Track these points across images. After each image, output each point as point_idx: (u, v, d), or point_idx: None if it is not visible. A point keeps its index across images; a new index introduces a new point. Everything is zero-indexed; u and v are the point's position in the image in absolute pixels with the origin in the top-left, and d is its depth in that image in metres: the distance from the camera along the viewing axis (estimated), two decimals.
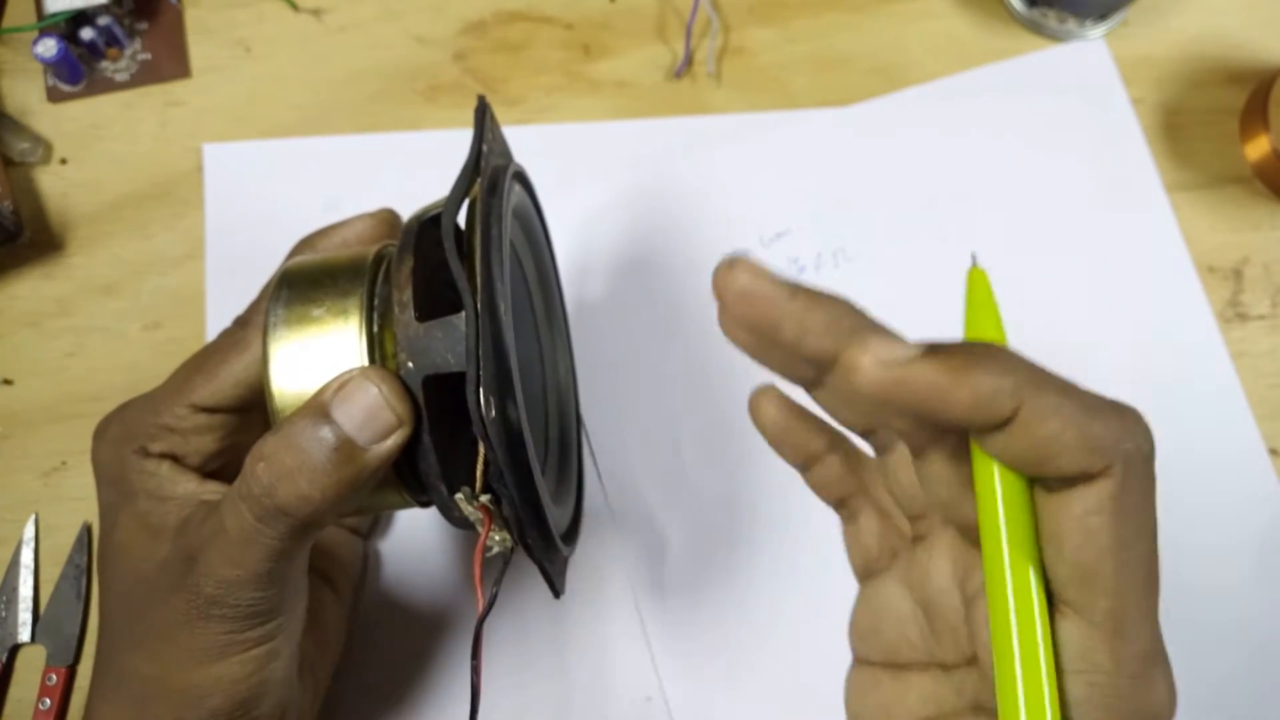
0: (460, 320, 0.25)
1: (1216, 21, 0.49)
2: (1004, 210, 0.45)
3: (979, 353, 0.20)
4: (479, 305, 0.24)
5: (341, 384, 0.25)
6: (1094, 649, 0.21)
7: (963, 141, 0.46)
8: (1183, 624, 0.39)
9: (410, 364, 0.25)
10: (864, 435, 0.27)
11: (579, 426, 0.38)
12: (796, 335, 0.21)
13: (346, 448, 0.25)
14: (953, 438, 0.22)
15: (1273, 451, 0.41)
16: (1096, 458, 0.20)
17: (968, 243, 0.44)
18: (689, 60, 0.47)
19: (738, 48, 0.48)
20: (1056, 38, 0.48)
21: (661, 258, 0.44)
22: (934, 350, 0.20)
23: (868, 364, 0.20)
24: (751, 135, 0.46)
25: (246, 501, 0.25)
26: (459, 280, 0.25)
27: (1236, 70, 0.48)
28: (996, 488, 0.21)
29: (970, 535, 0.24)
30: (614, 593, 0.39)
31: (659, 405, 0.41)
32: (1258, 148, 0.45)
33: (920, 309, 0.43)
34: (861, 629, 0.27)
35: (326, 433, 0.25)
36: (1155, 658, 0.22)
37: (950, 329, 0.46)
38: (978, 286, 0.26)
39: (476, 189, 0.27)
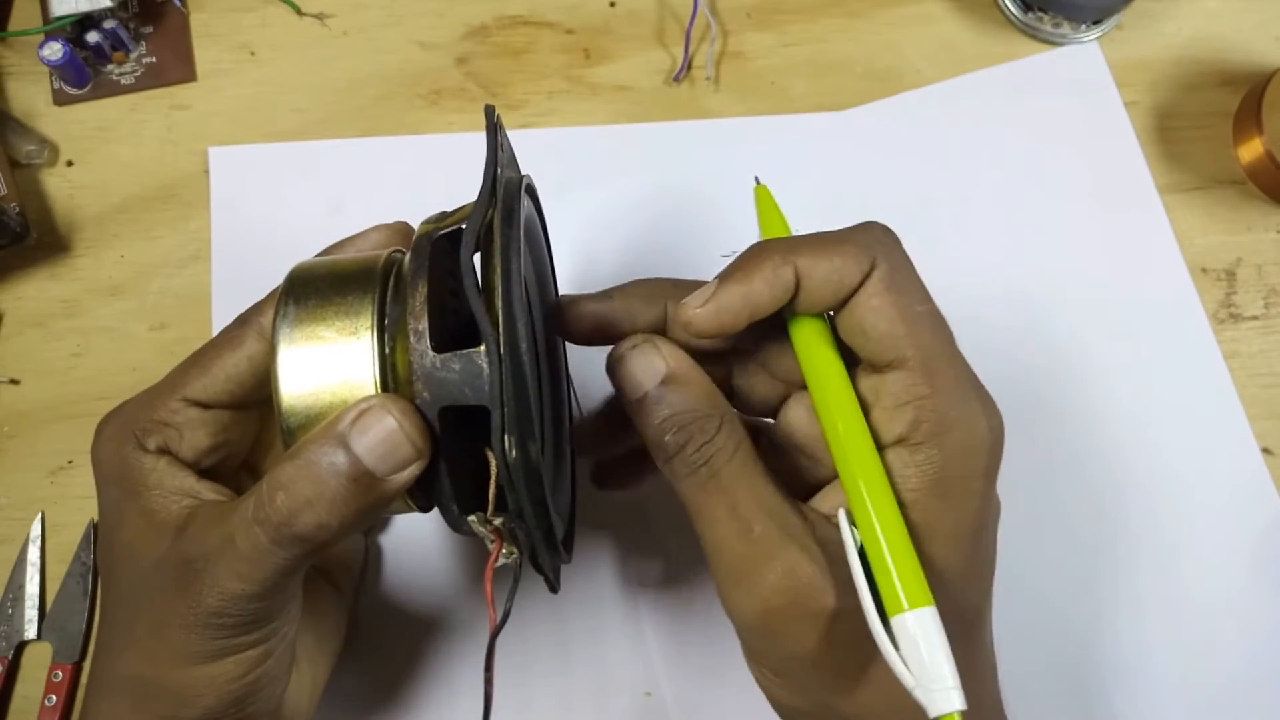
0: (479, 355, 0.25)
1: (1209, 25, 0.49)
2: (999, 213, 0.45)
3: (748, 256, 0.27)
4: (502, 346, 0.24)
5: (360, 414, 0.25)
6: (914, 383, 0.26)
7: (958, 145, 0.46)
8: (1179, 623, 0.39)
9: (426, 395, 0.25)
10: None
11: (572, 422, 0.39)
12: (629, 324, 0.29)
13: (365, 479, 0.25)
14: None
15: (1266, 451, 0.42)
16: (862, 262, 0.26)
17: (964, 245, 0.45)
18: (688, 65, 0.48)
19: (736, 52, 0.48)
20: (1051, 42, 0.49)
21: (661, 259, 0.44)
22: (723, 275, 0.27)
23: (689, 314, 0.27)
24: (749, 139, 0.46)
25: (263, 526, 0.25)
26: (480, 321, 0.24)
27: (1229, 73, 0.48)
28: (809, 339, 0.28)
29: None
30: (613, 588, 0.39)
31: None
32: (1251, 150, 0.46)
33: None
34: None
35: (345, 463, 0.25)
36: (966, 384, 0.27)
37: (951, 328, 0.46)
38: (763, 199, 0.32)
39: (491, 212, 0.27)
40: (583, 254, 0.44)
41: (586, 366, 0.41)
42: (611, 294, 0.30)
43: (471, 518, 0.26)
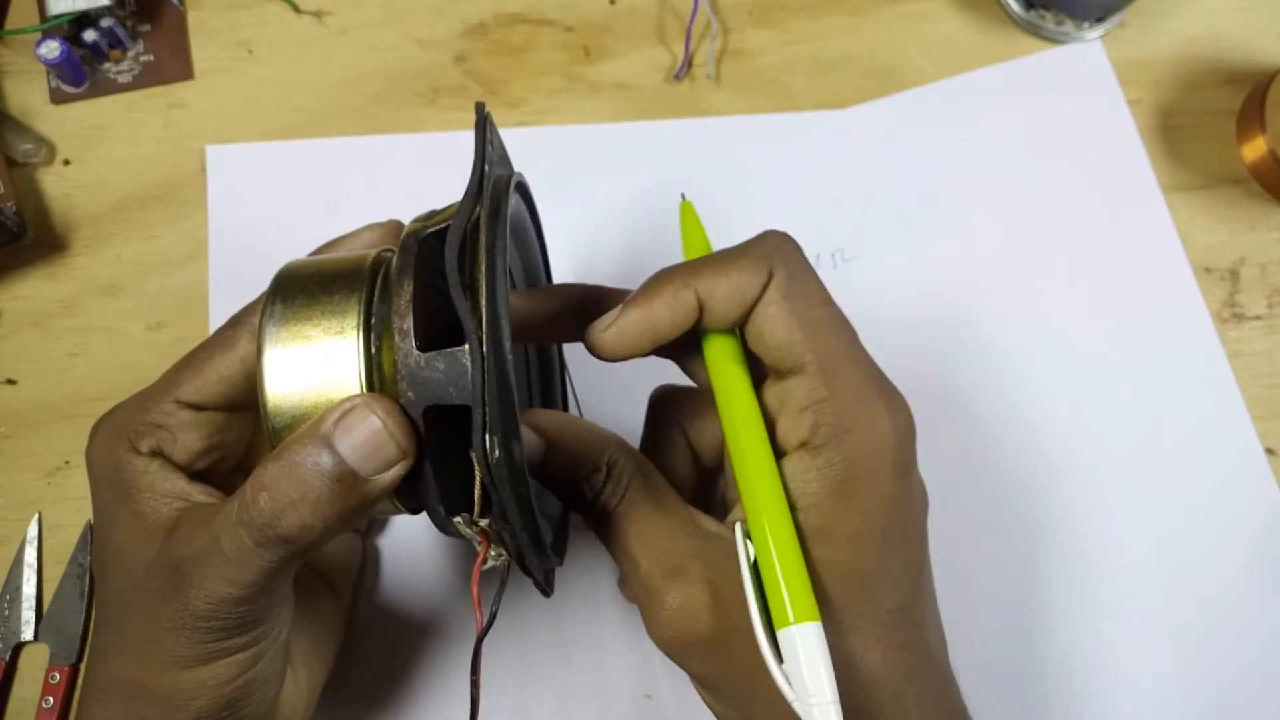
0: (463, 354, 0.25)
1: (1213, 23, 0.49)
2: (1001, 211, 0.45)
3: (650, 281, 0.28)
4: (485, 345, 0.24)
5: (343, 413, 0.25)
6: (814, 388, 0.26)
7: (960, 143, 0.46)
8: (1179, 623, 0.39)
9: (411, 394, 0.25)
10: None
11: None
12: (550, 335, 0.32)
13: (349, 479, 0.25)
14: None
15: (1269, 451, 0.42)
16: (760, 273, 0.27)
17: (965, 243, 0.44)
18: (688, 62, 0.47)
19: (737, 50, 0.48)
20: (1054, 40, 0.48)
21: (661, 258, 0.43)
22: (628, 299, 0.28)
23: (596, 337, 0.28)
24: (750, 137, 0.46)
25: (247, 528, 0.25)
26: (464, 320, 0.24)
27: (1233, 72, 0.48)
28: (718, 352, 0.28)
29: None
30: (612, 590, 0.39)
31: None
32: (1254, 149, 0.45)
33: (918, 308, 0.44)
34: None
35: (329, 463, 0.25)
36: (868, 383, 0.27)
37: (951, 326, 0.46)
38: (686, 216, 0.32)
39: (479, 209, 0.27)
40: (583, 253, 0.44)
41: (586, 367, 0.41)
42: (536, 294, 0.31)
43: (457, 519, 0.26)
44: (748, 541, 0.26)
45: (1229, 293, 0.44)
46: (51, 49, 0.44)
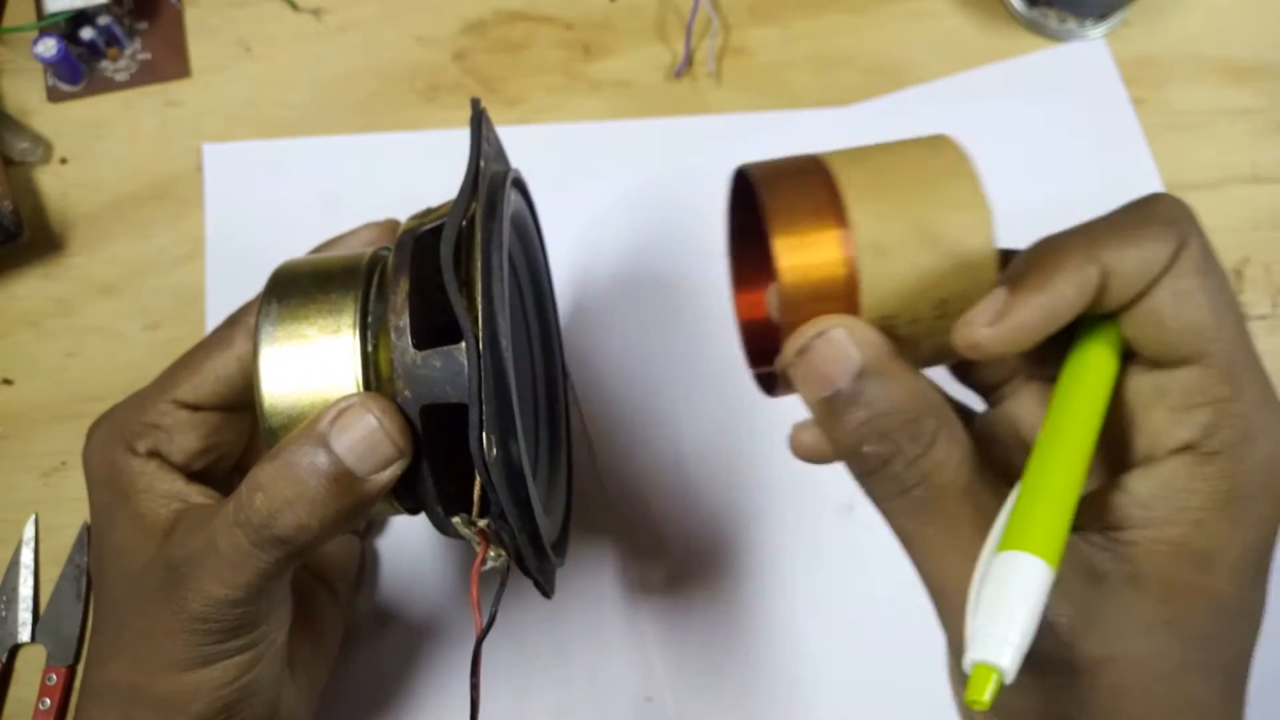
0: (460, 352, 0.24)
1: (1216, 21, 0.49)
2: (1003, 210, 0.45)
3: (1041, 255, 0.23)
4: (481, 342, 0.24)
5: (340, 412, 0.25)
6: (1213, 383, 0.22)
7: (963, 141, 0.46)
8: None
9: (408, 393, 0.25)
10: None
11: (568, 424, 0.38)
12: None
13: (345, 479, 0.25)
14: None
15: None
16: (1170, 242, 0.22)
17: None
18: (689, 60, 0.47)
19: (738, 47, 0.48)
20: (1057, 37, 0.48)
21: (662, 257, 0.44)
22: (1014, 281, 0.22)
23: (977, 334, 0.22)
24: (752, 135, 0.46)
25: (243, 528, 0.25)
26: (460, 317, 0.24)
27: (1237, 69, 0.48)
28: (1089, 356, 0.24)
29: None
30: (613, 592, 0.39)
31: (659, 405, 0.41)
32: (825, 246, 0.24)
33: None
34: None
35: (325, 463, 0.24)
36: (1268, 387, 0.22)
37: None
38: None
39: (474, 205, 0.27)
40: (583, 251, 0.44)
41: (586, 366, 0.41)
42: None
43: (456, 519, 0.25)
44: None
45: (1233, 292, 0.44)
46: (48, 47, 0.44)
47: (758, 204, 0.24)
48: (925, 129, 0.46)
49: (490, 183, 0.27)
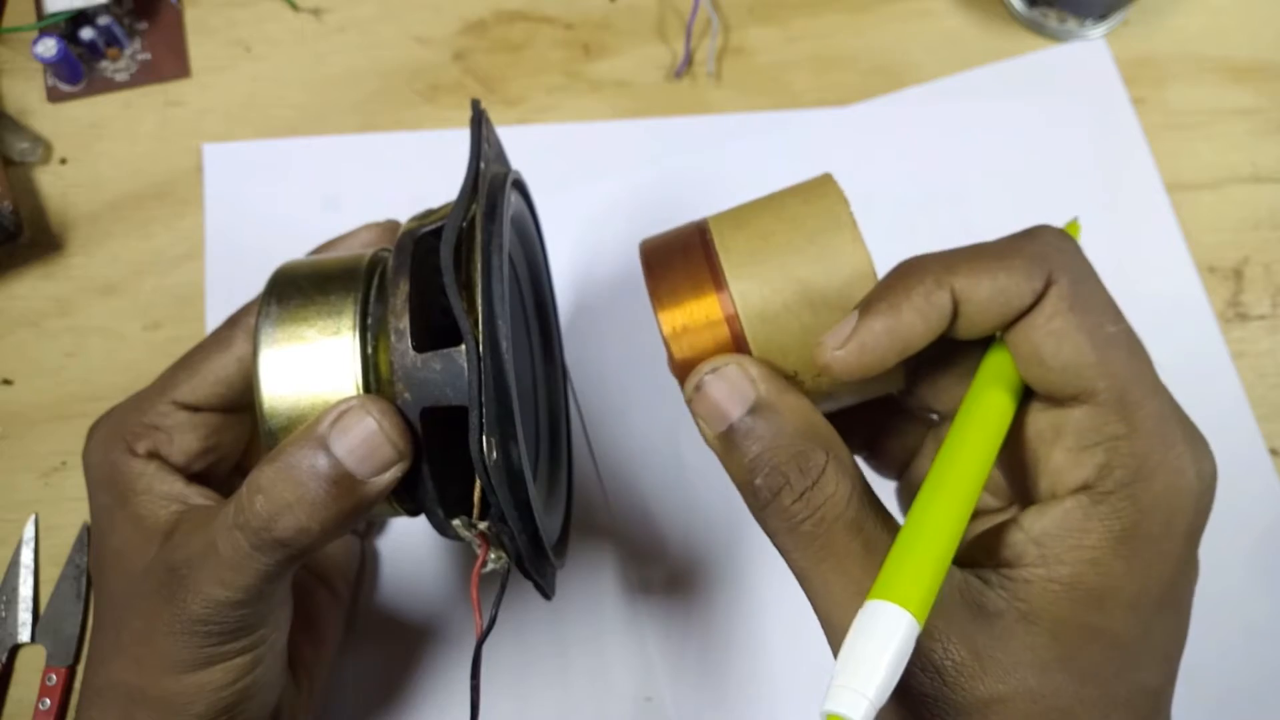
0: (460, 355, 0.24)
1: (1216, 21, 0.49)
2: (1004, 209, 0.45)
3: (894, 279, 0.23)
4: (481, 345, 0.24)
5: (339, 414, 0.25)
6: (1106, 421, 0.22)
7: (963, 141, 0.46)
8: None
9: (408, 395, 0.25)
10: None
11: (568, 425, 0.38)
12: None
13: (345, 481, 0.25)
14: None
15: (1273, 452, 0.41)
16: (1034, 278, 0.22)
17: (968, 242, 0.44)
18: (689, 60, 0.47)
19: (738, 47, 0.48)
20: (1057, 37, 0.48)
21: None
22: (866, 304, 0.23)
23: (828, 356, 0.23)
24: (751, 135, 0.46)
25: (243, 531, 0.25)
26: (460, 319, 0.24)
27: (1237, 69, 0.48)
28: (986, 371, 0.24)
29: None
30: (613, 593, 0.39)
31: (660, 406, 0.41)
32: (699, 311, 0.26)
33: None
34: None
35: (324, 465, 0.24)
36: (1171, 422, 0.22)
37: None
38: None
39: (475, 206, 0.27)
40: (583, 251, 0.44)
41: (585, 366, 0.41)
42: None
43: (456, 522, 0.25)
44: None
45: (1233, 292, 0.44)
46: (48, 47, 0.44)
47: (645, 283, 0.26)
48: (925, 129, 0.46)
49: (490, 184, 0.27)
